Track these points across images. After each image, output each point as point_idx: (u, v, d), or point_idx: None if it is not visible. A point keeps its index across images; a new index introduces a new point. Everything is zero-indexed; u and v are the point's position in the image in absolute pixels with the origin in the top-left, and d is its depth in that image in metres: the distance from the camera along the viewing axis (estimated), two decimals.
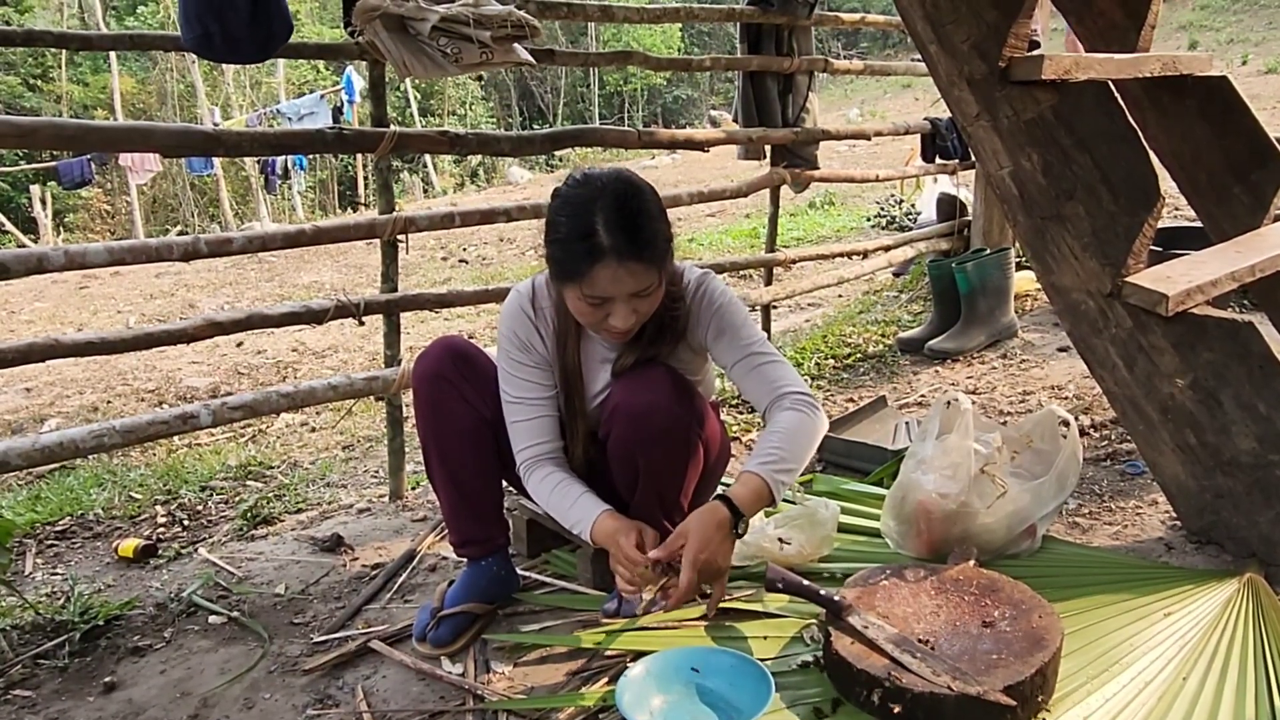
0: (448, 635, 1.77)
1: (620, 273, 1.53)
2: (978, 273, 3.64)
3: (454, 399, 1.76)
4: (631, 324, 1.61)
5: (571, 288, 1.58)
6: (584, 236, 1.53)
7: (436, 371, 1.76)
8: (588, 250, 1.52)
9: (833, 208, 8.89)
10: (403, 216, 2.48)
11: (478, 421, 1.78)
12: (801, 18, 3.52)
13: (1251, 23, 19.06)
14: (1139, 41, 2.13)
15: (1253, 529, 1.88)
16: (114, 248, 2.11)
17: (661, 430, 1.68)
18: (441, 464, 1.79)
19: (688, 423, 1.70)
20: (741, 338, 1.75)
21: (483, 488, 1.84)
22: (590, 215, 1.53)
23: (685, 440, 1.71)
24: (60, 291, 8.52)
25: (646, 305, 1.61)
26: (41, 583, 2.26)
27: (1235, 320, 1.78)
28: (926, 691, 1.37)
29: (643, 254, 1.54)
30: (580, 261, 1.53)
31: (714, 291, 1.77)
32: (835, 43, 25.22)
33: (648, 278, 1.57)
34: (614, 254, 1.52)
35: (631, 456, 1.72)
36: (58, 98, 19.52)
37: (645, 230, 1.55)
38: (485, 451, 1.81)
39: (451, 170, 20.21)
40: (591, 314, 1.60)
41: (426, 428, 1.79)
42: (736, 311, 1.77)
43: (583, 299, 1.57)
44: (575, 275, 1.55)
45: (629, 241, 1.52)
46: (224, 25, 2.05)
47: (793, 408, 1.69)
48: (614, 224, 1.52)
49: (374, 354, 4.97)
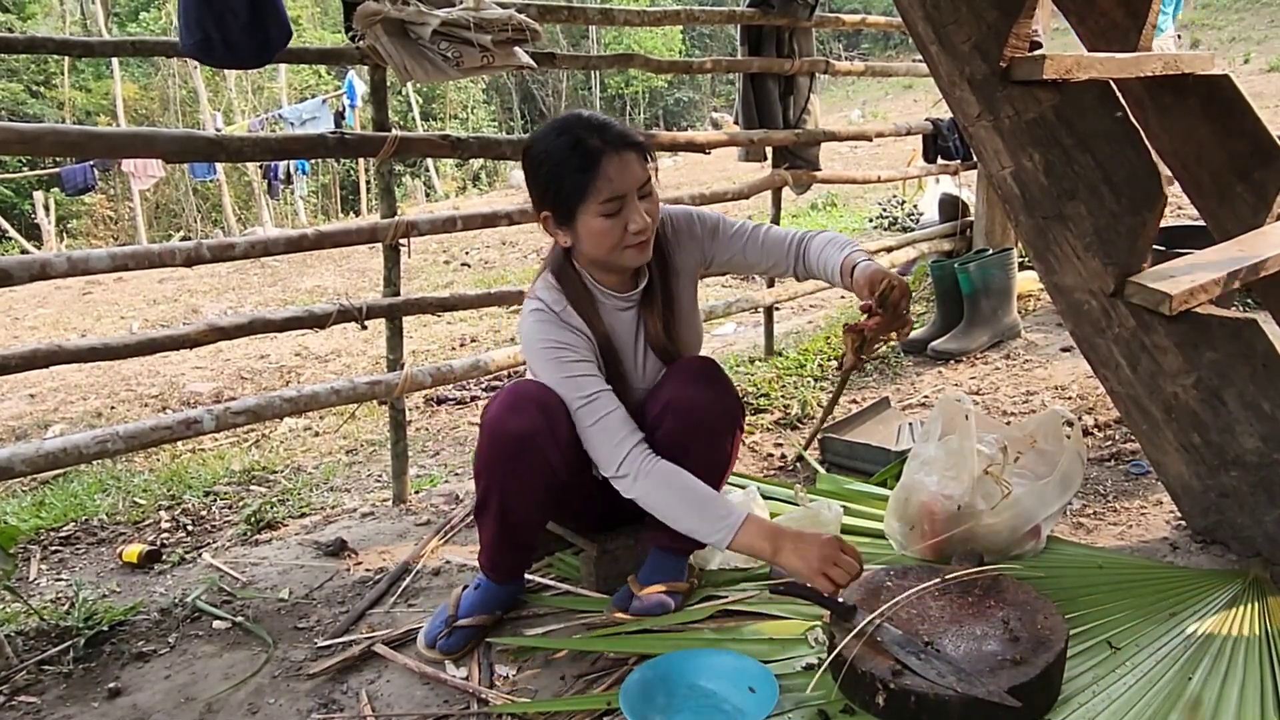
0: (458, 645, 1.77)
1: (623, 162, 1.61)
2: (980, 273, 3.64)
3: (538, 464, 1.65)
4: (648, 225, 1.65)
5: (586, 206, 1.62)
6: (578, 151, 1.61)
7: (529, 433, 1.63)
8: (586, 156, 1.60)
9: (835, 209, 8.88)
10: (405, 220, 2.48)
11: (552, 484, 1.70)
12: (802, 19, 3.52)
13: (1254, 21, 19.03)
14: (1140, 41, 2.13)
15: (1258, 528, 1.87)
16: (117, 253, 2.11)
17: (711, 422, 1.73)
18: (500, 512, 1.72)
19: (735, 414, 1.78)
20: (728, 229, 1.86)
21: (532, 532, 1.83)
22: (571, 135, 1.62)
23: (732, 431, 1.78)
24: (64, 297, 8.54)
25: (652, 205, 1.68)
26: (46, 588, 2.26)
27: (1239, 319, 1.78)
28: (931, 693, 1.37)
29: (633, 142, 1.64)
30: (585, 171, 1.60)
31: (676, 211, 1.87)
32: (836, 44, 25.24)
33: (645, 170, 1.66)
34: (611, 147, 1.61)
35: (684, 449, 1.70)
36: (60, 104, 19.56)
37: (623, 126, 1.67)
38: (547, 509, 1.80)
39: (453, 174, 20.26)
40: (610, 229, 1.63)
41: (496, 480, 1.69)
42: (707, 214, 1.88)
43: (600, 213, 1.62)
44: (586, 187, 1.60)
45: (616, 135, 1.63)
46: (223, 30, 2.06)
47: (819, 236, 1.81)
48: (595, 129, 1.63)
49: (377, 358, 4.96)
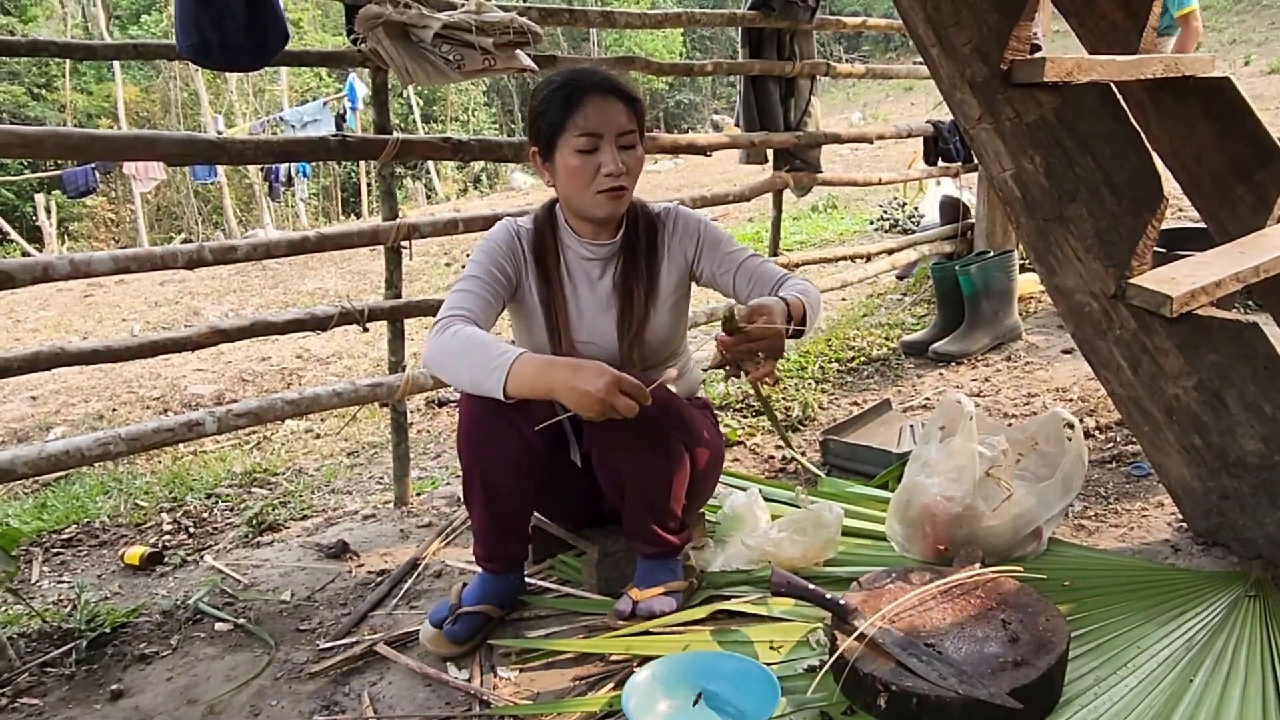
0: (463, 632, 1.77)
1: (605, 105, 1.68)
2: (981, 275, 3.63)
3: (509, 431, 1.69)
4: (622, 172, 1.69)
5: (564, 141, 1.69)
6: (565, 89, 1.69)
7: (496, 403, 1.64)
8: (572, 93, 1.68)
9: (835, 211, 8.87)
10: (406, 223, 2.48)
11: (528, 453, 1.72)
12: (803, 21, 3.53)
13: (1254, 23, 19.00)
14: (1140, 43, 2.13)
15: (1259, 530, 1.87)
16: (119, 256, 2.11)
17: (642, 442, 1.69)
18: (483, 490, 1.75)
19: (668, 432, 1.71)
20: (730, 247, 1.88)
21: (519, 513, 1.83)
22: (566, 75, 1.73)
23: (667, 450, 1.72)
24: (65, 300, 8.54)
25: (632, 160, 1.72)
26: (48, 590, 2.27)
27: (1240, 321, 1.78)
28: (933, 695, 1.37)
29: (622, 92, 1.71)
30: (567, 106, 1.68)
31: (688, 213, 1.91)
32: (837, 46, 25.27)
33: (630, 122, 1.71)
34: (597, 90, 1.69)
35: (616, 469, 1.74)
36: (62, 107, 19.60)
37: (622, 82, 1.73)
38: (528, 481, 1.78)
39: (454, 176, 20.28)
40: (583, 166, 1.69)
41: (475, 455, 1.73)
42: (718, 229, 1.91)
43: (575, 148, 1.68)
44: (564, 122, 1.68)
45: (609, 82, 1.71)
46: (221, 33, 2.06)
47: (803, 282, 1.81)
48: (589, 74, 1.73)
49: (378, 360, 4.97)
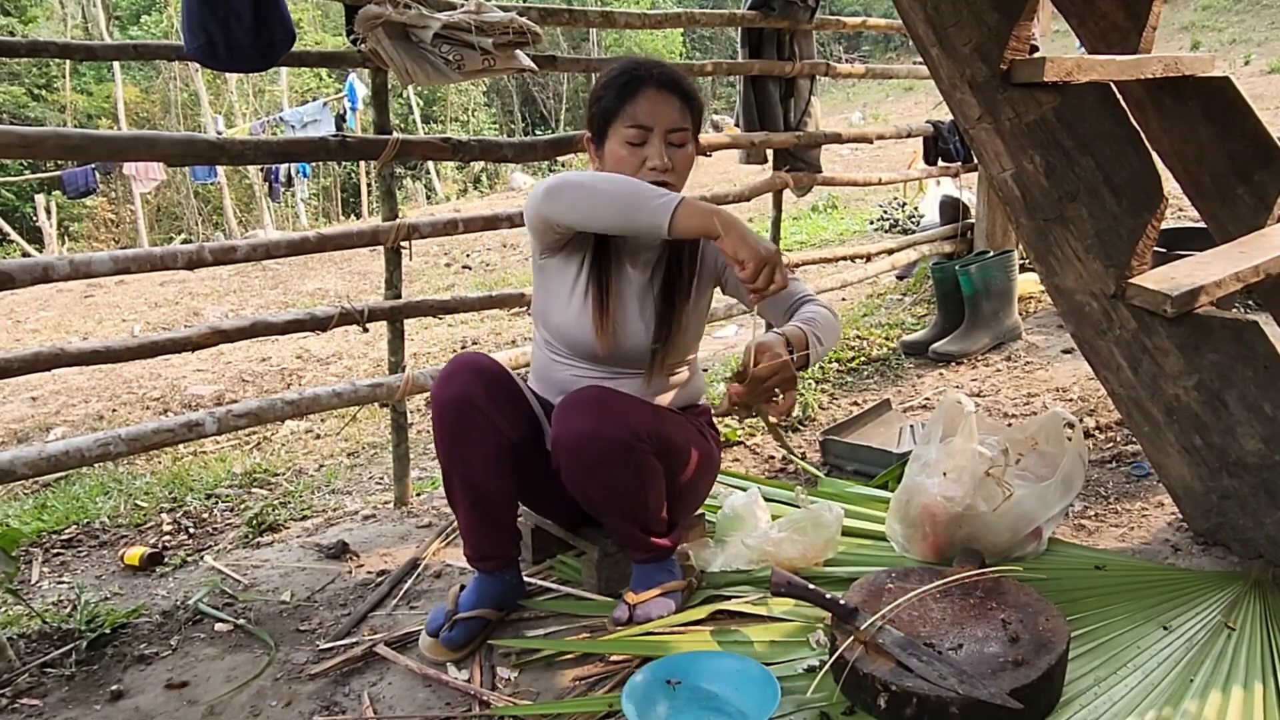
0: (461, 638, 1.76)
1: (660, 99, 1.71)
2: (981, 275, 3.63)
3: (481, 423, 1.69)
4: (667, 167, 1.71)
5: (615, 130, 1.72)
6: (624, 77, 1.72)
7: (464, 395, 1.68)
8: (628, 83, 1.71)
9: (835, 211, 8.88)
10: (406, 223, 2.48)
11: (503, 444, 1.71)
12: (803, 21, 3.53)
13: (1254, 23, 18.99)
14: (1140, 43, 2.13)
15: (1259, 530, 1.87)
16: (119, 256, 2.11)
17: (602, 457, 1.65)
18: (464, 486, 1.75)
19: (628, 443, 1.65)
20: None
21: (503, 507, 1.81)
22: (628, 63, 1.76)
23: (629, 461, 1.67)
24: (65, 300, 8.54)
25: (681, 158, 1.74)
26: (48, 591, 2.26)
27: (1240, 321, 1.78)
28: (933, 695, 1.37)
29: (680, 88, 1.73)
30: (622, 95, 1.71)
31: None
32: (837, 46, 25.25)
33: (683, 119, 1.73)
34: (654, 83, 1.71)
35: (583, 486, 1.73)
36: (62, 107, 19.58)
37: (682, 78, 1.76)
38: (508, 474, 1.76)
39: (454, 177, 20.25)
40: (628, 157, 1.71)
41: (451, 451, 1.72)
42: None
43: (624, 139, 1.71)
44: (617, 109, 1.71)
45: (668, 77, 1.73)
46: (227, 34, 2.06)
47: (816, 304, 1.81)
48: (652, 65, 1.75)
49: (378, 361, 4.97)
